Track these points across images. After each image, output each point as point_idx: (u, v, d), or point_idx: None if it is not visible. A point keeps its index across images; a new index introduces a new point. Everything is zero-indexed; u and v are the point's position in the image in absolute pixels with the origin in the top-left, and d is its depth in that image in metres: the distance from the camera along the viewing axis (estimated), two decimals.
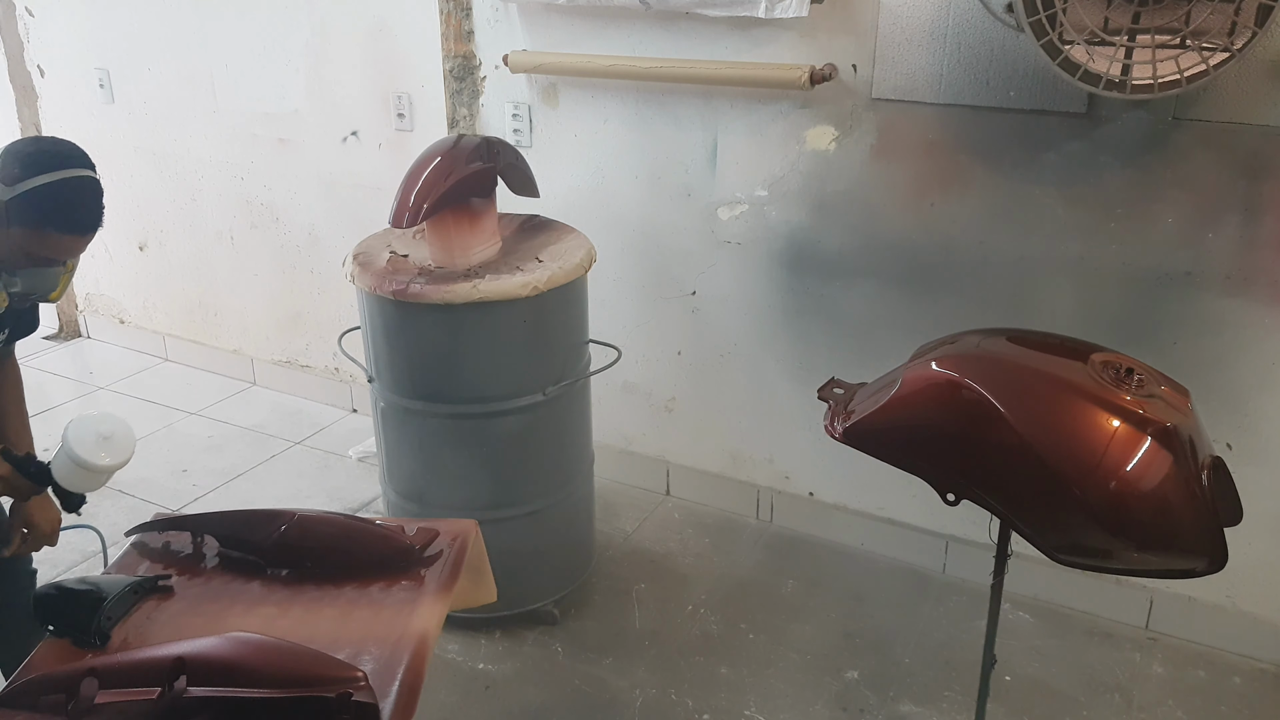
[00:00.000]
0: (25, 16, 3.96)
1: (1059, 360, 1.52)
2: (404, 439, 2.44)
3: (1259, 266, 2.19)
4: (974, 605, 2.64)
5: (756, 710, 2.32)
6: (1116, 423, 1.38)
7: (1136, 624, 2.56)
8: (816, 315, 2.72)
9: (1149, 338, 2.32)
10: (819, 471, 2.89)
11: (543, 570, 2.53)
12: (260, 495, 3.18)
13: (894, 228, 2.54)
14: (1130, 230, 2.28)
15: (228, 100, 3.56)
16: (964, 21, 2.29)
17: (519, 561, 2.42)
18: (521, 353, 2.33)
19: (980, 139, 2.38)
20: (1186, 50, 1.86)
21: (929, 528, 2.77)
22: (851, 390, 1.73)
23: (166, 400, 3.84)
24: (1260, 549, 2.32)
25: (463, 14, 2.93)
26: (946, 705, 2.33)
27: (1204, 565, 1.40)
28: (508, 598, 2.04)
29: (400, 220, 2.34)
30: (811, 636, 2.55)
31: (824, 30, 2.44)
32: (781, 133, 2.59)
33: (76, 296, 4.40)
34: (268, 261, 3.73)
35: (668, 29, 2.64)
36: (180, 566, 1.70)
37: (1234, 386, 2.29)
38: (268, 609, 1.58)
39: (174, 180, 3.82)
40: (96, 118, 3.91)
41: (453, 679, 2.42)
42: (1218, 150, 2.16)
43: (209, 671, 1.32)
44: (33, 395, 4.03)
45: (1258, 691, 2.36)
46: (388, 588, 1.62)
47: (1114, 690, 2.37)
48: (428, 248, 2.43)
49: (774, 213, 2.68)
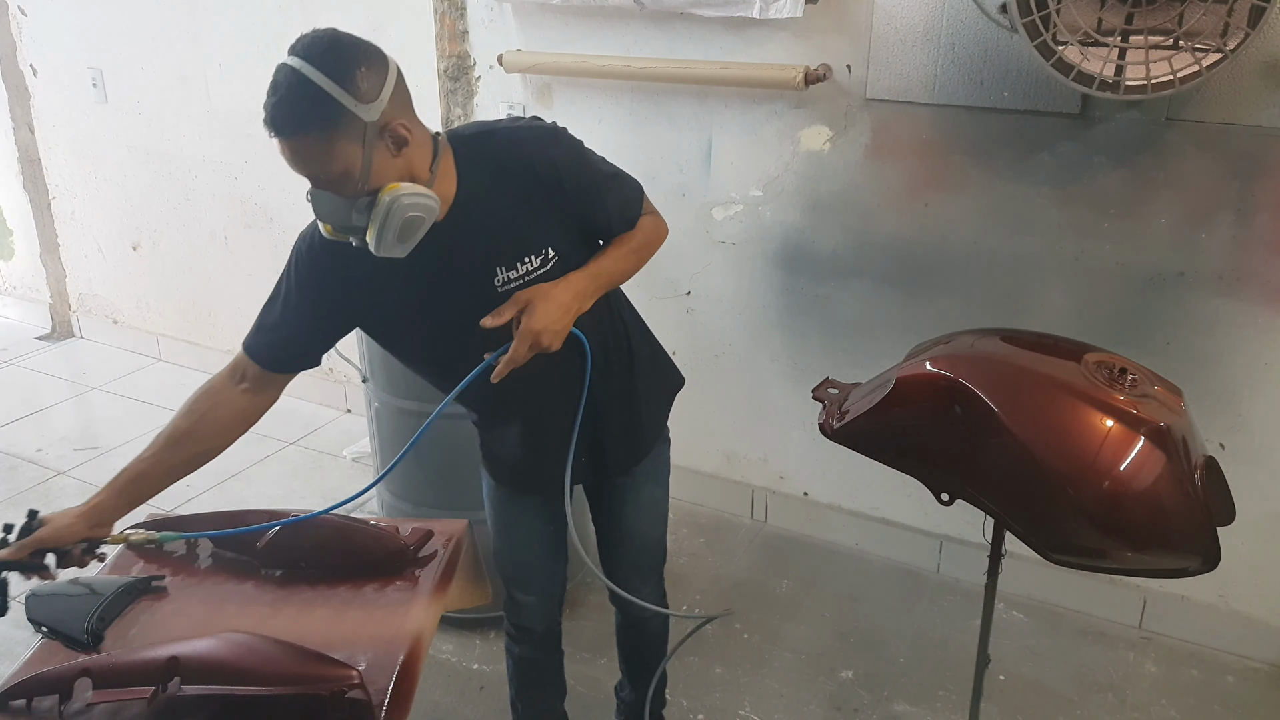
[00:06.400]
0: (18, 15, 3.95)
1: (1053, 360, 1.52)
2: (398, 439, 2.44)
3: (1252, 266, 2.19)
4: (968, 605, 2.65)
5: (751, 710, 2.32)
6: (1110, 422, 1.39)
7: (1130, 623, 2.57)
8: (811, 315, 2.72)
9: (1142, 337, 2.33)
10: (813, 471, 2.89)
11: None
12: (254, 496, 3.18)
13: (888, 228, 2.55)
14: (1124, 230, 2.29)
15: (221, 99, 3.55)
16: (958, 22, 2.29)
17: None
18: None
19: (974, 139, 2.39)
20: (1179, 51, 1.87)
21: (923, 527, 2.77)
22: (846, 390, 1.73)
23: (160, 401, 3.83)
24: (1253, 548, 2.33)
25: (457, 14, 2.92)
26: (940, 705, 2.33)
27: (1197, 564, 1.41)
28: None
29: None
30: (806, 636, 2.55)
31: (818, 31, 2.45)
32: (776, 133, 2.60)
33: (69, 296, 4.39)
34: (261, 261, 3.72)
35: (662, 29, 2.63)
36: (174, 567, 1.69)
37: (1227, 386, 2.29)
38: (261, 609, 1.57)
39: (167, 180, 3.81)
40: (89, 117, 3.90)
41: (447, 679, 2.42)
42: (1211, 151, 2.16)
43: (202, 671, 1.32)
44: (25, 396, 4.01)
45: (1250, 690, 2.37)
46: (382, 588, 1.62)
47: (1107, 689, 2.37)
48: None
49: (769, 213, 2.68)
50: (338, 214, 1.39)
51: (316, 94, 1.30)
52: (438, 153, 1.46)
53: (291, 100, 1.31)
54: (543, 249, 1.52)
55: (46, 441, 3.50)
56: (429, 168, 1.44)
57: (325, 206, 1.39)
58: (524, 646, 1.97)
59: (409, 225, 1.38)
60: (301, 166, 1.36)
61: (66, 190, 4.14)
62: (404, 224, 1.37)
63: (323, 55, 1.33)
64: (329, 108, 1.31)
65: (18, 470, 3.30)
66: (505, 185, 1.49)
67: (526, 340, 1.43)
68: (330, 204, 1.38)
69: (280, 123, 1.33)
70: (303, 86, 1.31)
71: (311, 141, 1.33)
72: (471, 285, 1.51)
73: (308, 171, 1.36)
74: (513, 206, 1.50)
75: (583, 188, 1.54)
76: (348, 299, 1.56)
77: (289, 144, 1.34)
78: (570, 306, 1.48)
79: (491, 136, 1.54)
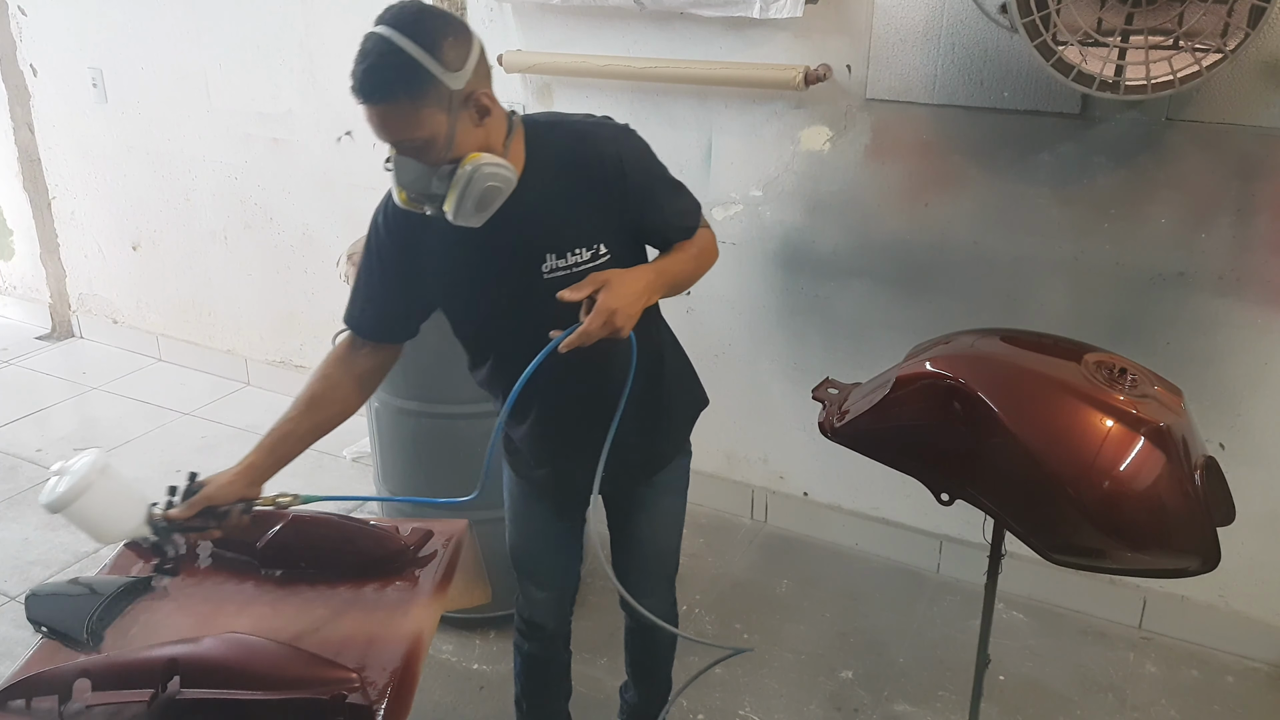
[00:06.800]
0: (18, 15, 3.95)
1: (1053, 360, 1.52)
2: (398, 439, 2.44)
3: (1252, 267, 2.19)
4: (968, 605, 2.65)
5: (751, 710, 2.32)
6: (1110, 423, 1.39)
7: (1130, 623, 2.57)
8: (811, 315, 2.72)
9: (1142, 338, 2.32)
10: (813, 472, 2.89)
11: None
12: None
13: (888, 228, 2.55)
14: (1124, 230, 2.29)
15: (221, 100, 3.55)
16: (958, 22, 2.29)
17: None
18: None
19: (974, 139, 2.39)
20: (1180, 51, 1.87)
21: (923, 528, 2.77)
22: (846, 390, 1.73)
23: (160, 401, 3.83)
24: (1253, 549, 2.33)
25: (457, 13, 2.92)
26: (941, 705, 2.33)
27: (1197, 565, 1.41)
28: (501, 598, 2.04)
29: None
30: (806, 636, 2.55)
31: (818, 31, 2.45)
32: (776, 133, 2.60)
33: (69, 296, 4.39)
34: (261, 261, 3.72)
35: (662, 29, 2.63)
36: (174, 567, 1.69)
37: (1227, 386, 2.29)
38: (261, 609, 1.57)
39: (167, 180, 3.81)
40: (90, 117, 3.90)
41: (447, 679, 2.42)
42: (1211, 151, 2.16)
43: (202, 673, 1.32)
44: (25, 396, 4.01)
45: (1250, 690, 2.37)
46: (382, 588, 1.62)
47: (1107, 689, 2.37)
48: None
49: (769, 213, 2.68)
50: (419, 181, 1.41)
51: (406, 61, 1.32)
52: (511, 131, 1.49)
53: (381, 67, 1.33)
54: (595, 243, 1.53)
55: (46, 441, 3.50)
56: (503, 143, 1.47)
57: (407, 174, 1.41)
58: (533, 643, 1.96)
59: (487, 195, 1.41)
60: (387, 132, 1.38)
61: (66, 190, 4.14)
62: (483, 193, 1.40)
63: (412, 24, 1.35)
64: (418, 75, 1.33)
65: (18, 470, 3.30)
66: (569, 174, 1.52)
67: (602, 316, 1.42)
68: (412, 171, 1.41)
69: (369, 89, 1.34)
70: (393, 54, 1.33)
71: (399, 108, 1.34)
72: (520, 267, 1.53)
73: (393, 137, 1.38)
74: (573, 196, 1.52)
75: (644, 187, 1.57)
76: (419, 268, 1.58)
77: (377, 110, 1.36)
78: (641, 295, 1.48)
79: (563, 125, 1.57)
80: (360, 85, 1.34)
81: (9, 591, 2.72)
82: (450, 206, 1.41)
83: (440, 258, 1.56)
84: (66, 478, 1.42)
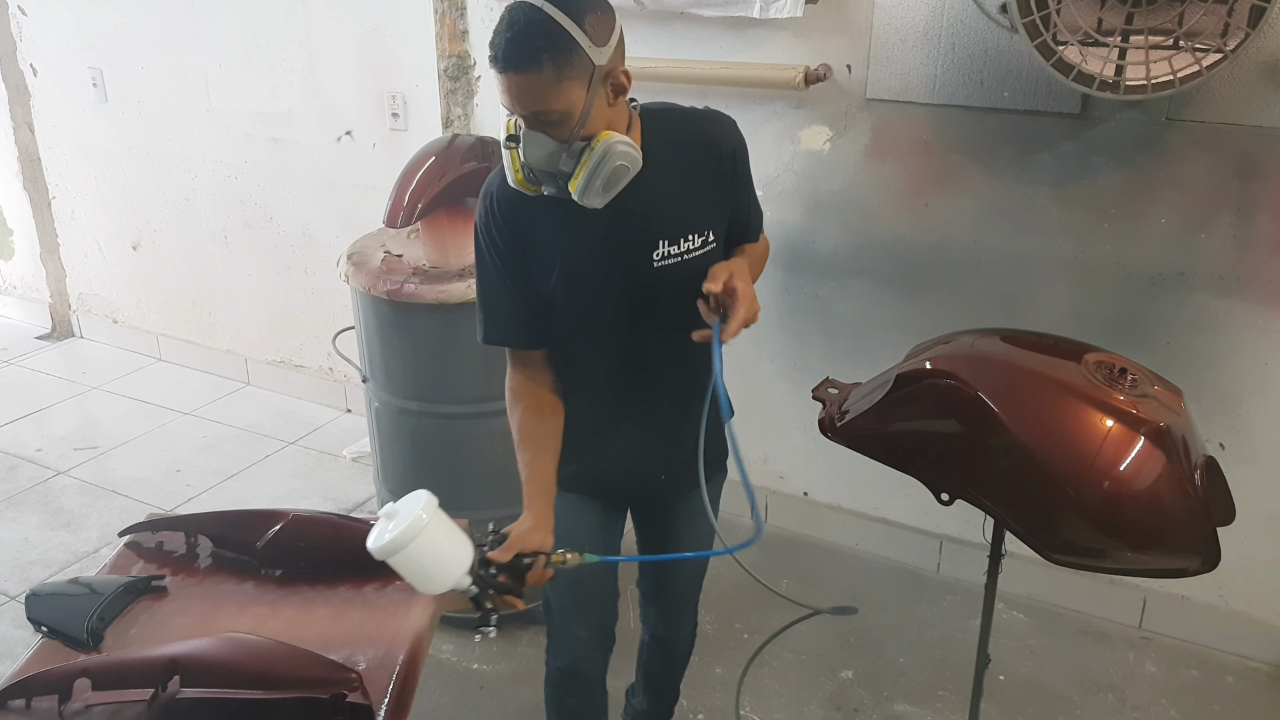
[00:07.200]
0: (18, 15, 3.95)
1: (1053, 360, 1.52)
2: (398, 439, 2.44)
3: (1252, 267, 2.19)
4: (968, 605, 2.65)
5: (751, 710, 2.32)
6: (1110, 422, 1.39)
7: (1130, 623, 2.57)
8: (811, 315, 2.72)
9: (1142, 338, 2.32)
10: (813, 471, 2.89)
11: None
12: (254, 495, 3.17)
13: (888, 228, 2.55)
14: (1124, 230, 2.29)
15: (222, 99, 3.55)
16: (958, 22, 2.29)
17: None
18: None
19: (974, 139, 2.39)
20: (1180, 51, 1.87)
21: (923, 527, 2.77)
22: (846, 390, 1.73)
23: (160, 400, 3.83)
24: (1253, 548, 2.33)
25: (457, 13, 2.92)
26: (941, 705, 2.33)
27: (1197, 564, 1.41)
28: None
29: (394, 220, 2.34)
30: (806, 636, 2.55)
31: (818, 30, 2.45)
32: (776, 133, 2.60)
33: (69, 296, 4.39)
34: (261, 261, 3.72)
35: (662, 29, 2.63)
36: (174, 567, 1.69)
37: (1227, 386, 2.29)
38: (261, 609, 1.57)
39: (168, 180, 3.81)
40: (90, 117, 3.90)
41: (447, 679, 2.42)
42: (1211, 151, 2.16)
43: (202, 673, 1.32)
44: (25, 395, 4.01)
45: (1250, 690, 2.37)
46: (381, 588, 1.62)
47: (1107, 689, 2.37)
48: (422, 247, 2.43)
49: (769, 213, 2.64)
50: (549, 157, 1.39)
51: (556, 30, 1.31)
52: (631, 115, 1.49)
53: (529, 35, 1.31)
54: (705, 230, 1.53)
55: (46, 441, 3.50)
56: (627, 125, 1.46)
57: (538, 149, 1.39)
58: (574, 698, 1.82)
59: (616, 174, 1.39)
60: (524, 104, 1.35)
61: (66, 190, 4.14)
62: (613, 172, 1.39)
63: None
64: (565, 44, 1.32)
65: (18, 470, 3.30)
66: (684, 160, 1.51)
67: (748, 299, 1.41)
68: (543, 146, 1.38)
69: (514, 57, 1.32)
70: (542, 23, 1.31)
71: (543, 78, 1.32)
72: (633, 253, 1.50)
73: (531, 108, 1.36)
74: (688, 183, 1.51)
75: (743, 181, 1.59)
76: (534, 260, 1.54)
77: (518, 79, 1.33)
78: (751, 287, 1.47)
79: (677, 112, 1.58)
80: (504, 53, 1.32)
81: (9, 591, 2.72)
82: (578, 184, 1.38)
83: (551, 246, 1.51)
84: (396, 521, 1.34)
